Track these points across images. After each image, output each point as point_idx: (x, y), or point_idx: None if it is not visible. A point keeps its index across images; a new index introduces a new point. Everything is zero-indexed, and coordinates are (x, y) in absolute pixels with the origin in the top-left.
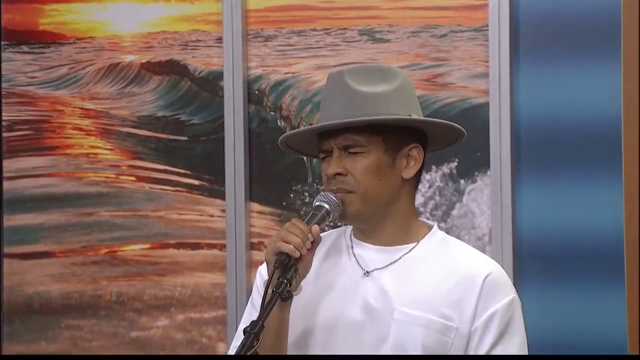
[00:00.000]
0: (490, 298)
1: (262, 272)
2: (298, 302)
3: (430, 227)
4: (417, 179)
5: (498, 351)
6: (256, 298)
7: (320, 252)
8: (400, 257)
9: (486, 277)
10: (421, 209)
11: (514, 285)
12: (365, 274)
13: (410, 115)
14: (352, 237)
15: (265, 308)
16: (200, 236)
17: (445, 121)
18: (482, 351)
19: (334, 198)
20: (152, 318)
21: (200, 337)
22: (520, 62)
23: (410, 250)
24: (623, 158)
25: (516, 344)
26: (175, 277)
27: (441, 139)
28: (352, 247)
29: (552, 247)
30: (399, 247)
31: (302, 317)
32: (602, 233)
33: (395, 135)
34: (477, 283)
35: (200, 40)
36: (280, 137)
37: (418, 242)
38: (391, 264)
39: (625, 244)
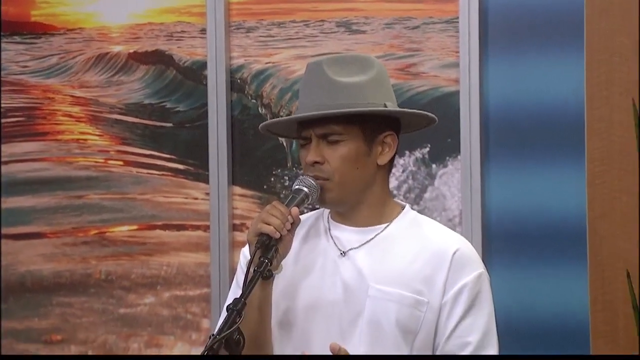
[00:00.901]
0: (459, 272)
1: (245, 253)
2: (280, 283)
3: (403, 207)
4: (390, 163)
5: (467, 322)
6: (240, 277)
7: (299, 234)
8: (374, 237)
9: (455, 253)
10: (395, 192)
11: (484, 264)
12: (341, 254)
13: (385, 105)
14: (330, 220)
15: (248, 286)
16: (185, 218)
17: (419, 111)
18: (452, 323)
19: (312, 182)
20: (140, 295)
21: (185, 314)
22: (489, 52)
23: (383, 230)
24: (586, 144)
25: (484, 315)
26: (161, 257)
27: (414, 124)
28: (329, 229)
29: (519, 228)
30: (373, 227)
31: (284, 297)
32: (566, 214)
33: (371, 124)
34: (447, 259)
35: (185, 32)
36: (262, 124)
37: (391, 222)
38: (365, 243)
39: (587, 225)
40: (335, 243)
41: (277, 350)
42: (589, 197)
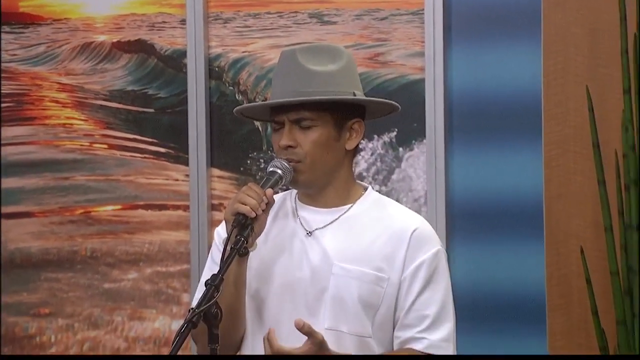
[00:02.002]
0: (417, 250)
1: (220, 232)
2: (252, 261)
3: (365, 189)
4: (356, 148)
5: (425, 297)
6: (215, 254)
7: (269, 214)
8: (338, 217)
9: (413, 232)
10: (364, 174)
11: (447, 241)
12: (308, 234)
13: (354, 94)
14: (297, 201)
15: (225, 262)
16: (166, 198)
17: (385, 100)
18: (411, 297)
19: (286, 164)
20: (123, 271)
21: (167, 289)
22: (453, 42)
23: (347, 211)
24: (543, 128)
25: (441, 290)
26: (143, 235)
27: (379, 112)
28: (296, 210)
29: (480, 207)
30: (337, 208)
31: (255, 275)
32: (524, 194)
33: (341, 111)
34: (406, 237)
35: (166, 22)
36: (236, 108)
37: (354, 203)
38: (330, 223)
39: (544, 205)
40: (302, 223)
41: (249, 324)
42: (546, 178)
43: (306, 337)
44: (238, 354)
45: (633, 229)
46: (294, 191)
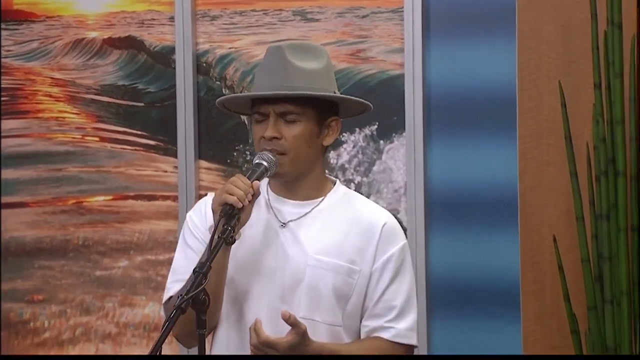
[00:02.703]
0: (387, 244)
1: (192, 217)
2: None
3: (334, 183)
4: (331, 144)
5: (393, 288)
6: (188, 238)
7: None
8: (310, 210)
9: (384, 226)
10: (346, 166)
11: (426, 230)
12: (282, 225)
13: (335, 92)
14: (270, 192)
15: (213, 251)
16: (156, 189)
17: (360, 99)
18: (381, 288)
19: (271, 157)
20: (114, 259)
21: (156, 276)
22: (431, 39)
23: (318, 204)
24: (518, 122)
25: (407, 282)
26: (133, 225)
27: (352, 111)
28: (269, 200)
29: (458, 197)
30: (310, 201)
31: (232, 263)
32: (499, 185)
33: (323, 108)
34: (376, 232)
35: (155, 19)
36: (219, 99)
37: (325, 196)
38: (303, 216)
39: (518, 195)
40: (275, 214)
41: (224, 311)
42: (520, 170)
43: (284, 328)
44: (212, 339)
45: (603, 219)
46: (266, 181)
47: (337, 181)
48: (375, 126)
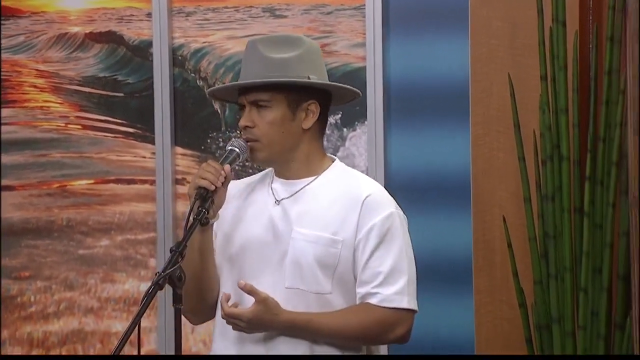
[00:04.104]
0: (369, 214)
1: None
2: (226, 226)
3: (333, 161)
4: (320, 126)
5: (377, 255)
6: None
7: (250, 187)
8: (302, 188)
9: (366, 198)
10: None
11: None
12: (276, 202)
13: (308, 77)
14: (273, 175)
15: (188, 231)
16: (135, 173)
17: (333, 82)
18: (365, 256)
19: (243, 143)
20: (96, 239)
21: (135, 254)
22: (391, 34)
23: (312, 182)
24: (470, 111)
25: (393, 249)
26: (114, 207)
27: (341, 97)
28: (272, 182)
29: (415, 181)
30: (302, 180)
31: (230, 238)
32: (454, 169)
33: (296, 93)
34: (359, 203)
35: (134, 15)
36: (209, 90)
37: (320, 174)
38: (295, 193)
39: (471, 179)
40: (273, 194)
41: (223, 284)
42: (473, 155)
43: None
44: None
45: (548, 200)
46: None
47: (337, 160)
48: (339, 115)
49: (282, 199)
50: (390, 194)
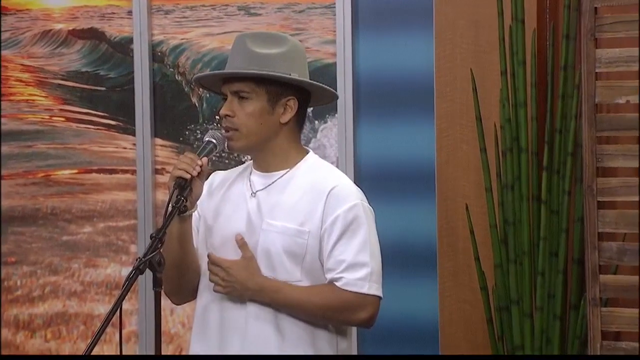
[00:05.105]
0: (334, 206)
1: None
2: (209, 217)
3: (307, 153)
4: (297, 122)
5: (341, 244)
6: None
7: (230, 179)
8: (276, 180)
9: (331, 190)
10: None
11: None
12: (252, 194)
13: (290, 74)
14: (252, 168)
15: (167, 219)
16: (116, 164)
17: (313, 81)
18: (330, 245)
19: (219, 134)
20: (79, 226)
21: (117, 241)
22: (360, 31)
23: (284, 174)
24: (435, 104)
25: (357, 238)
26: (97, 195)
27: (319, 97)
28: (250, 175)
29: (383, 171)
30: (276, 172)
31: (209, 229)
32: (419, 160)
33: (275, 88)
34: (324, 195)
35: (115, 13)
36: (195, 76)
37: (292, 167)
38: (269, 185)
39: (436, 169)
40: (250, 186)
41: (203, 272)
42: (437, 147)
43: None
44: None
45: (508, 189)
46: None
47: (310, 152)
48: (311, 108)
49: (257, 191)
50: (359, 183)
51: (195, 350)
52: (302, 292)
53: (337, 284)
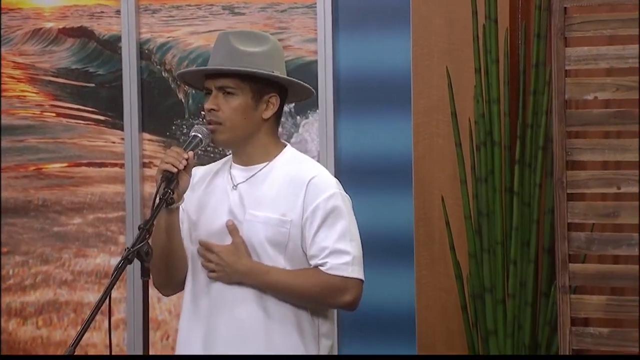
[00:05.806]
0: (314, 196)
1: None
2: (192, 211)
3: (284, 146)
4: (276, 117)
5: (322, 232)
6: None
7: (211, 173)
8: (256, 173)
9: (310, 180)
10: None
11: None
12: (233, 187)
13: (273, 72)
14: (232, 162)
15: (155, 210)
16: (105, 157)
17: (294, 79)
18: (312, 233)
19: (205, 129)
20: (69, 217)
21: (106, 232)
22: (340, 31)
23: (264, 167)
24: (412, 100)
25: (337, 226)
26: (86, 188)
27: (297, 93)
28: (230, 168)
29: (363, 165)
30: (257, 165)
31: (193, 222)
32: (397, 154)
33: (259, 85)
34: (304, 185)
35: (104, 12)
36: (178, 72)
37: (271, 160)
38: (250, 178)
39: (413, 162)
40: (231, 179)
41: (189, 264)
42: (414, 141)
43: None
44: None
45: (482, 181)
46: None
47: (288, 146)
48: (293, 104)
49: (238, 184)
50: (339, 176)
51: (183, 328)
52: (290, 274)
53: (322, 268)
